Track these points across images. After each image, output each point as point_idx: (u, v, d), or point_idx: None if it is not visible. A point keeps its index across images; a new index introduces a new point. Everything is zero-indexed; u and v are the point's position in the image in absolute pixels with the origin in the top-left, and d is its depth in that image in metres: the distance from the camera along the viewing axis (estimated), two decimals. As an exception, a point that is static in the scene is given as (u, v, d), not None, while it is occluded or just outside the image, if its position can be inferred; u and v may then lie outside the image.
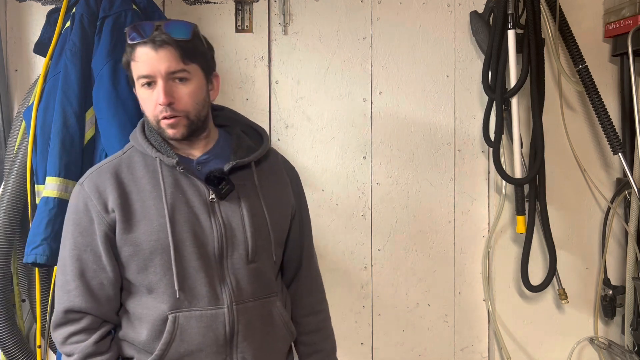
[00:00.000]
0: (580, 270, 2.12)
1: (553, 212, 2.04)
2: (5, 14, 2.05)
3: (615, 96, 2.10)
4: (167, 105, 1.20)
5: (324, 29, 2.09)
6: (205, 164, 1.30)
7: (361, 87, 2.10)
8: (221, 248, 1.25)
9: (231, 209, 1.27)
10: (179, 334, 1.22)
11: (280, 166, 1.41)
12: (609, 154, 2.06)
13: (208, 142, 1.33)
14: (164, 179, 1.25)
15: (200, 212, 1.25)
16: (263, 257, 1.30)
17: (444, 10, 2.10)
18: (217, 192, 1.26)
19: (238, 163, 1.29)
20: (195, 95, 1.23)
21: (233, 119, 1.44)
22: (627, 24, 1.95)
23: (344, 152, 2.11)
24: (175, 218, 1.23)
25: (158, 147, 1.28)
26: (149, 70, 1.19)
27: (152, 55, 1.19)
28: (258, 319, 1.29)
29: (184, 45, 1.21)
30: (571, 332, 2.12)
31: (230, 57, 2.08)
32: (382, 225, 2.12)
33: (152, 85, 1.21)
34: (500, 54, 1.93)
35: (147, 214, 1.23)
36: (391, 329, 2.13)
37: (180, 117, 1.22)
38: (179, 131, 1.23)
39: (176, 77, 1.21)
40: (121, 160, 1.30)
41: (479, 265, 2.12)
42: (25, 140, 1.80)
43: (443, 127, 2.11)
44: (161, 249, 1.22)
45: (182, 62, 1.20)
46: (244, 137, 1.39)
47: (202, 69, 1.26)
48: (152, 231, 1.22)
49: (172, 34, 1.20)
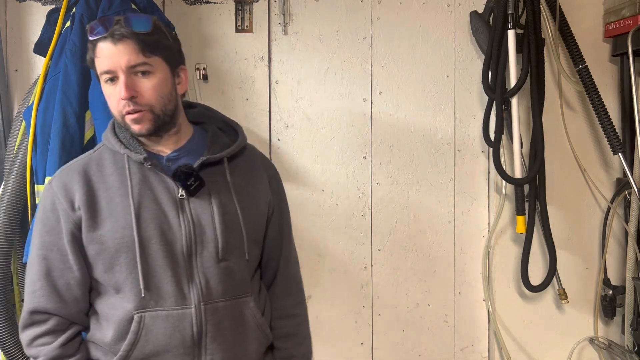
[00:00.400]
0: (580, 270, 2.12)
1: (553, 212, 2.04)
2: (5, 14, 2.05)
3: (615, 96, 2.10)
4: (129, 99, 1.17)
5: (324, 29, 2.09)
6: (176, 161, 1.27)
7: (361, 87, 2.10)
8: (190, 246, 1.22)
9: (201, 206, 1.24)
10: (144, 334, 1.19)
11: (257, 163, 1.38)
12: (609, 154, 2.06)
13: (180, 139, 1.29)
14: (132, 175, 1.23)
15: (168, 209, 1.22)
16: (235, 256, 1.27)
17: (444, 10, 2.10)
18: (185, 188, 1.23)
19: (209, 159, 1.26)
20: (158, 88, 1.20)
21: (208, 115, 1.41)
22: (627, 24, 1.94)
23: (344, 152, 2.11)
24: (142, 215, 1.20)
25: (127, 144, 1.25)
26: (109, 65, 1.17)
27: (112, 49, 1.16)
28: (229, 319, 1.25)
29: (144, 38, 1.18)
30: (571, 332, 2.12)
31: (230, 57, 2.08)
32: (382, 225, 2.12)
33: (115, 81, 1.18)
34: (500, 54, 1.93)
35: (113, 211, 1.21)
36: (391, 329, 2.13)
37: (145, 111, 1.19)
38: (144, 126, 1.21)
39: (138, 71, 1.18)
40: (91, 158, 1.28)
41: (479, 265, 2.12)
42: (25, 140, 1.80)
43: (443, 127, 2.11)
44: (126, 246, 1.19)
45: (143, 55, 1.17)
46: (220, 133, 1.36)
47: (166, 61, 1.22)
48: (117, 228, 1.20)
49: (132, 27, 1.17)
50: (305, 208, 2.09)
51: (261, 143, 2.08)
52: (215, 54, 2.08)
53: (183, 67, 1.29)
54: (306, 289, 2.12)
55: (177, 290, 1.20)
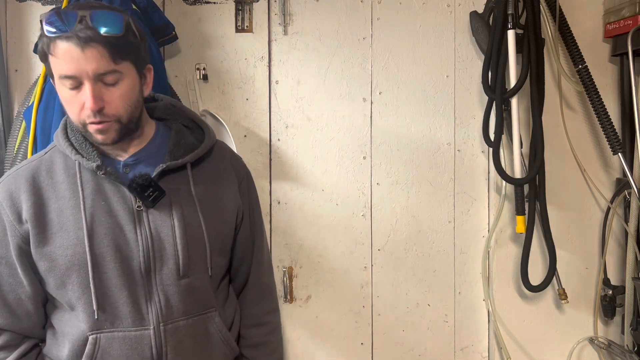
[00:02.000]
0: (580, 270, 2.12)
1: (553, 212, 2.04)
2: (5, 14, 2.05)
3: (615, 96, 2.10)
4: (97, 111, 1.05)
5: (324, 29, 2.09)
6: (135, 166, 1.16)
7: (361, 87, 2.10)
8: (148, 262, 1.13)
9: (161, 218, 1.14)
10: (100, 356, 1.11)
11: (226, 164, 1.27)
12: (609, 154, 2.06)
13: (141, 141, 1.18)
14: (84, 184, 1.12)
15: (124, 222, 1.12)
16: (198, 271, 1.18)
17: (444, 10, 2.10)
18: (143, 199, 1.12)
19: (169, 166, 1.15)
20: (127, 96, 1.09)
21: (173, 111, 1.28)
22: (627, 24, 1.95)
23: (344, 152, 2.11)
24: (95, 230, 1.10)
25: (79, 148, 1.14)
26: (73, 70, 1.03)
27: (76, 53, 1.01)
28: (190, 339, 1.17)
29: (114, 41, 1.03)
30: (571, 332, 2.12)
31: (230, 57, 2.08)
32: (382, 225, 2.12)
33: (78, 88, 1.05)
34: (500, 54, 1.93)
35: (64, 225, 1.10)
36: (391, 329, 2.14)
37: (111, 122, 1.08)
38: (109, 137, 1.10)
39: (106, 79, 1.05)
40: (41, 162, 1.17)
41: (479, 265, 2.12)
42: (25, 140, 1.80)
43: (443, 127, 2.11)
44: (78, 264, 1.10)
45: (113, 62, 1.04)
46: (186, 132, 1.24)
47: (134, 65, 1.10)
48: (68, 245, 1.10)
49: (101, 29, 1.02)
50: (305, 208, 2.09)
51: (261, 143, 2.08)
52: (215, 54, 2.08)
53: (149, 66, 1.17)
54: (306, 289, 2.13)
55: (134, 311, 1.12)
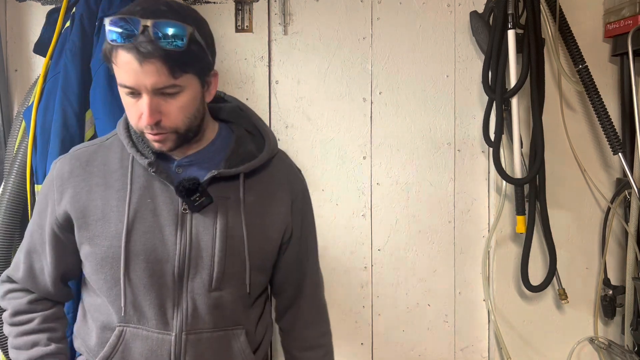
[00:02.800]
0: (580, 270, 2.12)
1: (553, 212, 2.04)
2: (5, 14, 2.05)
3: (615, 96, 2.10)
4: (154, 124, 1.03)
5: (324, 29, 2.09)
6: (188, 168, 1.13)
7: (361, 87, 2.10)
8: (182, 267, 1.09)
9: (204, 225, 1.10)
10: (122, 349, 1.11)
11: (282, 179, 1.21)
12: (609, 154, 2.06)
13: (200, 143, 1.15)
14: (134, 179, 1.10)
15: (166, 223, 1.09)
16: (232, 286, 1.13)
17: (444, 10, 2.09)
18: (189, 203, 1.09)
19: (221, 174, 1.11)
20: (187, 108, 1.05)
21: (240, 115, 1.24)
22: (627, 24, 1.94)
23: (344, 152, 2.11)
24: (135, 226, 1.08)
25: (136, 141, 1.12)
26: (131, 82, 1.00)
27: (135, 67, 0.98)
28: (211, 352, 1.13)
29: (175, 56, 0.98)
30: (571, 332, 2.12)
31: (230, 57, 2.08)
32: (382, 225, 2.12)
33: (137, 96, 1.02)
34: (500, 54, 1.93)
35: (107, 215, 1.10)
36: (391, 329, 2.13)
37: (168, 133, 1.05)
38: (166, 145, 1.08)
39: (165, 92, 1.01)
40: (100, 147, 1.17)
41: (479, 265, 2.12)
42: (25, 140, 1.80)
43: (443, 127, 2.11)
44: (112, 257, 1.09)
45: (172, 77, 1.00)
46: (247, 139, 1.19)
47: (197, 75, 1.05)
48: (106, 236, 1.09)
49: (162, 43, 0.97)
50: (305, 208, 2.09)
51: (261, 143, 2.08)
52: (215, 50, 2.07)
53: (214, 71, 1.12)
54: (306, 289, 2.12)
55: (159, 314, 1.10)
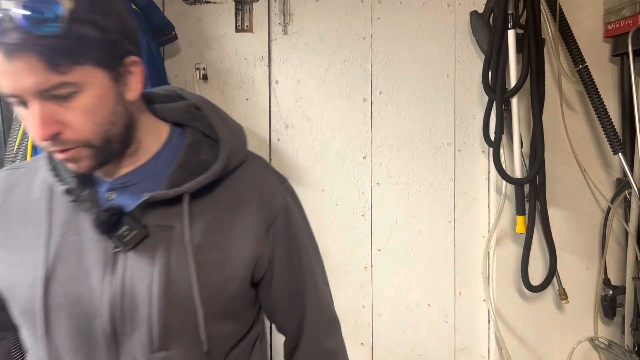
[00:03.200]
0: (580, 270, 2.12)
1: (553, 212, 2.04)
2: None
3: (615, 96, 2.10)
4: (51, 140, 0.76)
5: (324, 28, 2.09)
6: (123, 191, 0.86)
7: (361, 87, 2.10)
8: (114, 323, 0.82)
9: (140, 266, 0.83)
10: None
11: (250, 195, 0.90)
12: (609, 154, 2.06)
13: (139, 156, 0.87)
14: (54, 211, 0.85)
15: (93, 267, 0.83)
16: (182, 343, 0.85)
17: (444, 10, 2.09)
18: (117, 239, 0.82)
19: (155, 197, 0.83)
20: (94, 112, 0.77)
21: (194, 114, 0.92)
22: (627, 24, 1.94)
23: (344, 152, 2.11)
24: (55, 273, 0.83)
25: (55, 165, 0.88)
26: (9, 87, 0.73)
27: (5, 66, 0.71)
28: None
29: (54, 44, 0.70)
30: (571, 332, 2.12)
31: (230, 57, 2.08)
32: (382, 225, 2.12)
33: (26, 103, 0.75)
34: (500, 54, 1.93)
35: (25, 258, 0.85)
36: (391, 329, 2.13)
37: (78, 147, 0.78)
38: (82, 165, 0.81)
39: (56, 93, 0.74)
40: (27, 171, 0.93)
41: (479, 265, 2.12)
42: (25, 140, 1.80)
43: (443, 127, 2.11)
44: (31, 311, 0.84)
45: (57, 73, 0.72)
46: (204, 145, 0.90)
47: (101, 67, 0.76)
48: (24, 285, 0.84)
49: (31, 28, 0.69)
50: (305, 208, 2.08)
51: (261, 143, 2.08)
52: (215, 54, 2.08)
53: (132, 58, 0.81)
54: (306, 289, 2.12)
55: None
